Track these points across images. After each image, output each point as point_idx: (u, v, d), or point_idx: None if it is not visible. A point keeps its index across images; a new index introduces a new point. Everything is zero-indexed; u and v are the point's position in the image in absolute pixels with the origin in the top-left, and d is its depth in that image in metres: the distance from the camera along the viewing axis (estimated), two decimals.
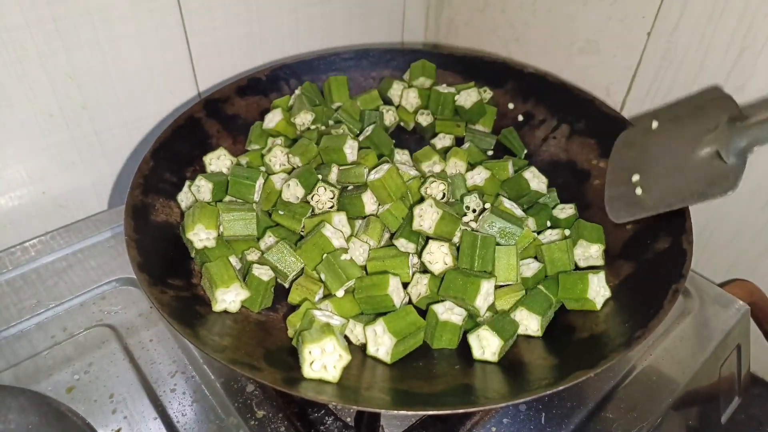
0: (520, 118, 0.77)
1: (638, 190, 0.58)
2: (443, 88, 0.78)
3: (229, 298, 0.54)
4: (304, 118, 0.72)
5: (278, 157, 0.67)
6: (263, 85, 0.76)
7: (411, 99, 0.78)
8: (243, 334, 0.52)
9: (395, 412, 0.46)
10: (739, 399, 0.70)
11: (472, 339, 0.50)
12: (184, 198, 0.62)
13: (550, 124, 0.74)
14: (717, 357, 0.63)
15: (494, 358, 0.49)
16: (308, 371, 0.46)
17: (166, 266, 0.56)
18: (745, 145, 0.50)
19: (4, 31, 0.60)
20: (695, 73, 0.69)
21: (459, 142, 0.75)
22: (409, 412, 0.49)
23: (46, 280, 0.66)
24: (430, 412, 0.49)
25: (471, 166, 0.68)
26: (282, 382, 0.44)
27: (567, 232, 0.60)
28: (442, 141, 0.75)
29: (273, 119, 0.72)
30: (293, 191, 0.62)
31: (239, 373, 0.45)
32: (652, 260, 0.54)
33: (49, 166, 0.71)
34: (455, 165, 0.68)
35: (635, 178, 0.59)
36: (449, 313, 0.52)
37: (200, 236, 0.57)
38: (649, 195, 0.57)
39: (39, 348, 0.59)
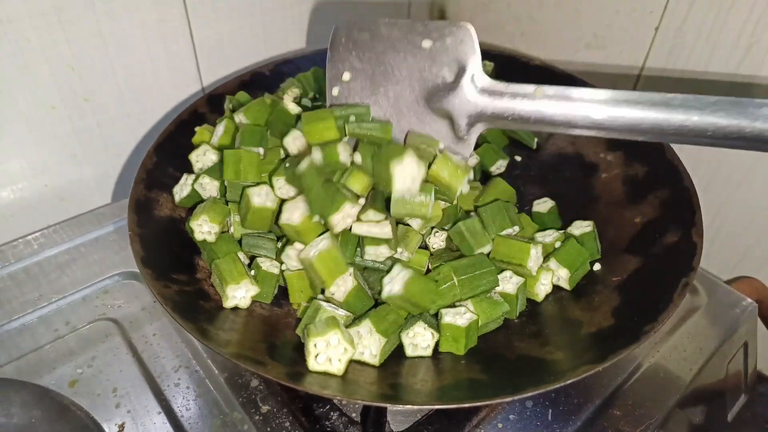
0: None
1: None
2: None
3: (239, 294, 0.53)
4: (293, 94, 0.71)
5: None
6: (267, 81, 0.75)
7: None
8: (247, 329, 0.51)
9: (401, 407, 0.46)
10: (746, 397, 0.69)
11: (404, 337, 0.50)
12: (178, 190, 0.62)
13: None
14: (724, 355, 0.62)
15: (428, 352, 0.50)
16: (313, 364, 0.46)
17: (170, 261, 0.55)
18: (476, 122, 0.42)
19: (6, 21, 0.60)
20: (703, 69, 0.68)
21: None
22: (415, 407, 0.49)
23: (48, 274, 0.65)
24: (437, 407, 0.48)
25: None
26: (286, 376, 0.44)
27: (557, 244, 0.57)
28: None
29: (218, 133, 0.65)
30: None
31: (243, 367, 0.45)
32: (661, 254, 0.53)
33: (50, 158, 0.71)
34: None
35: (346, 76, 0.47)
36: (455, 316, 0.51)
37: (203, 228, 0.56)
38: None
39: (42, 342, 0.58)
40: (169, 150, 0.64)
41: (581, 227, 0.59)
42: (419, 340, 0.50)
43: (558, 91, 0.41)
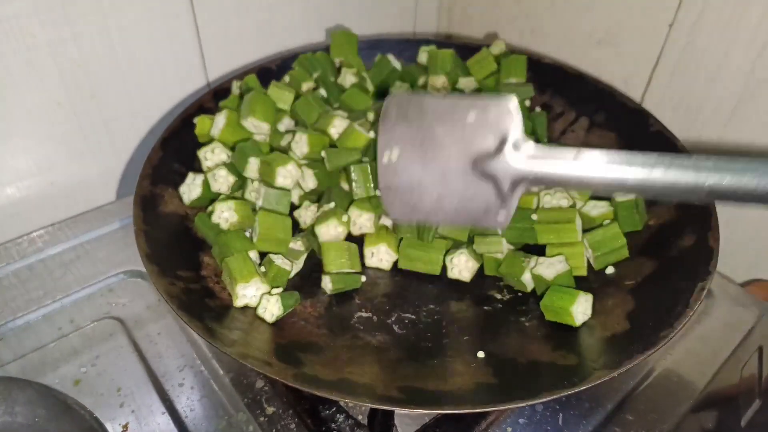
0: (538, 110, 0.75)
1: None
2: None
3: (249, 293, 0.53)
4: (306, 86, 0.71)
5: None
6: (273, 75, 0.75)
7: (438, 84, 0.75)
8: (253, 329, 0.51)
9: (409, 410, 0.45)
10: (760, 402, 0.68)
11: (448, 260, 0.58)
12: (186, 191, 0.61)
13: (569, 116, 0.72)
14: (738, 359, 0.61)
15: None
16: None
17: (176, 258, 0.55)
18: (518, 184, 0.44)
19: (12, 17, 0.59)
20: (717, 67, 0.67)
21: None
22: (424, 411, 0.48)
23: (53, 272, 0.65)
24: (445, 411, 0.47)
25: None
26: (292, 377, 0.43)
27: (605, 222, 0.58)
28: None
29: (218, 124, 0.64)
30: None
31: (249, 368, 0.44)
32: (677, 257, 0.52)
33: (56, 155, 0.70)
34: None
35: (395, 151, 0.47)
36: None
37: (224, 213, 0.57)
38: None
39: (46, 340, 0.58)
40: (174, 145, 0.64)
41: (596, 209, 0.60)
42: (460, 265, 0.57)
43: (597, 155, 0.43)
